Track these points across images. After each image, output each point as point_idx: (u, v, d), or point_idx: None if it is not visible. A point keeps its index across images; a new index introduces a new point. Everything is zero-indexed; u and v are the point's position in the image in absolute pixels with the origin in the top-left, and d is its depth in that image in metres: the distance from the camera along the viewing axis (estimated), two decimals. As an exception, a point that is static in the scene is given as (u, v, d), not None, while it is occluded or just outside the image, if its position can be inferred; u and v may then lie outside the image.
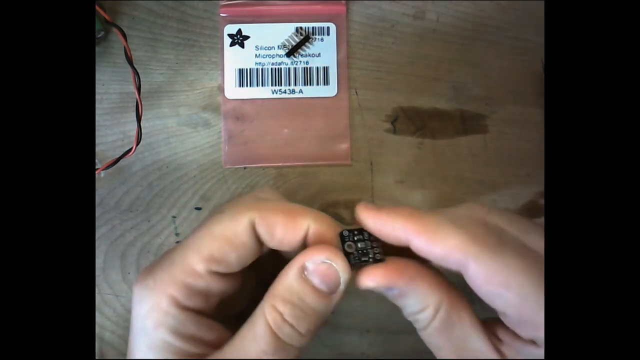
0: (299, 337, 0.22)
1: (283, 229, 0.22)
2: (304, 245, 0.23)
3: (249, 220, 0.22)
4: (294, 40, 0.34)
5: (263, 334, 0.21)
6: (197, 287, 0.22)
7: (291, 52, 0.34)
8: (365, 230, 0.23)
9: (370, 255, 0.23)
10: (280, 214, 0.22)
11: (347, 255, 0.23)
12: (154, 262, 0.24)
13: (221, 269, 0.22)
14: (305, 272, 0.22)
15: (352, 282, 0.23)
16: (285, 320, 0.21)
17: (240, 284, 0.24)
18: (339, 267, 0.22)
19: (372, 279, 0.22)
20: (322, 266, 0.22)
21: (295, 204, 0.24)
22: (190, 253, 0.22)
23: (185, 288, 0.22)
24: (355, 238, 0.23)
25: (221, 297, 0.23)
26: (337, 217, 0.34)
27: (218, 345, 0.22)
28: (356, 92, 0.35)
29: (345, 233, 0.23)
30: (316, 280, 0.22)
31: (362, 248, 0.23)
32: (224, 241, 0.22)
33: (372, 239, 0.23)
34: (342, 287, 0.22)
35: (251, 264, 0.23)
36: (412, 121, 0.35)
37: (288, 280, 0.22)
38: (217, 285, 0.22)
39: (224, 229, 0.22)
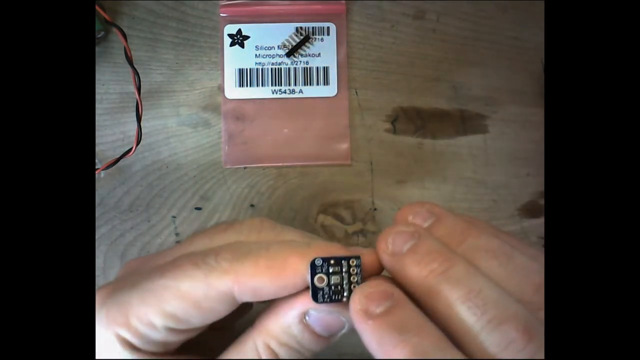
0: None
1: (273, 290, 0.19)
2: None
3: (225, 287, 0.19)
4: (294, 40, 0.34)
5: None
6: (150, 338, 0.20)
7: (291, 52, 0.34)
8: (346, 259, 0.20)
9: (345, 294, 0.19)
10: (265, 274, 0.19)
11: (315, 290, 0.19)
12: (113, 282, 0.22)
13: (181, 327, 0.20)
14: (307, 318, 0.20)
15: None
16: None
17: (204, 329, 0.22)
18: (346, 317, 0.20)
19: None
20: (327, 317, 0.20)
21: (284, 239, 0.21)
22: (150, 301, 0.20)
23: (138, 335, 0.20)
24: (331, 270, 0.19)
25: (180, 344, 0.21)
26: (337, 217, 0.34)
27: None
28: (356, 92, 0.35)
29: (318, 262, 0.19)
30: (318, 328, 0.20)
31: (336, 284, 0.19)
32: (189, 303, 0.19)
33: (352, 271, 0.20)
34: (344, 331, 0.20)
35: None
36: (412, 121, 0.35)
37: (286, 323, 0.20)
38: (174, 338, 0.21)
39: (194, 289, 0.19)
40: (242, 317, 0.25)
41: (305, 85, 0.34)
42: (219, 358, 0.21)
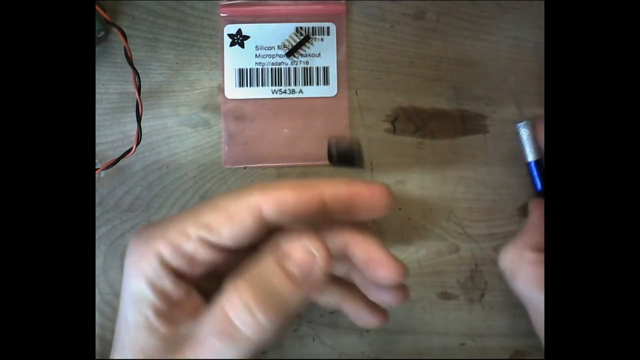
0: (256, 327, 0.20)
1: (294, 202, 0.22)
2: (320, 216, 0.23)
3: (254, 201, 0.22)
4: (294, 41, 0.34)
5: (215, 314, 0.20)
6: (184, 249, 0.22)
7: (291, 52, 0.34)
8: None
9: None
10: (288, 190, 0.22)
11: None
12: (159, 220, 0.24)
13: (212, 238, 0.22)
14: (282, 256, 0.21)
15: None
16: (244, 305, 0.20)
17: (231, 263, 0.23)
18: (321, 258, 0.21)
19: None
20: (302, 253, 0.21)
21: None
22: (188, 217, 0.22)
23: (173, 247, 0.22)
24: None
25: (207, 268, 0.23)
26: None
27: (192, 313, 0.22)
28: (356, 92, 0.35)
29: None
30: (292, 267, 0.20)
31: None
32: (222, 213, 0.22)
33: None
34: (319, 280, 0.21)
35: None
36: (412, 121, 0.35)
37: (260, 260, 0.21)
38: (204, 254, 0.22)
39: (227, 202, 0.22)
40: None
41: (305, 85, 0.34)
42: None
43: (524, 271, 0.29)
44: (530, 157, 0.32)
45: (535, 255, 0.29)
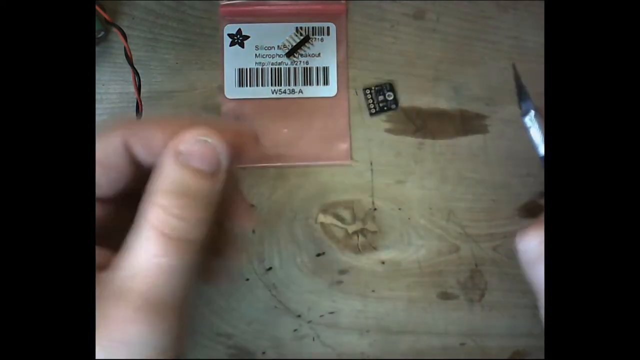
0: (190, 227, 0.19)
1: (162, 142, 0.20)
2: None
3: (120, 139, 0.20)
4: (294, 41, 0.34)
5: (150, 237, 0.19)
6: None
7: (291, 52, 0.34)
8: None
9: None
10: (157, 127, 0.20)
11: None
12: None
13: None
14: (181, 158, 0.20)
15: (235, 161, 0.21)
16: (170, 214, 0.19)
17: (121, 212, 0.22)
18: (216, 142, 0.20)
19: None
20: (196, 146, 0.20)
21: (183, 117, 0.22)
22: None
23: None
24: None
25: (101, 224, 0.22)
26: (337, 217, 0.34)
27: (104, 266, 0.20)
28: (356, 92, 0.35)
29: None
30: (195, 162, 0.20)
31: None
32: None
33: None
34: (224, 163, 0.20)
35: None
36: (412, 121, 0.35)
37: (165, 171, 0.20)
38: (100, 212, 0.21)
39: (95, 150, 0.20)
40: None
41: (305, 85, 0.34)
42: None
43: None
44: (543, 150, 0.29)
45: None
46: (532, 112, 0.27)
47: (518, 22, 0.35)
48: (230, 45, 0.34)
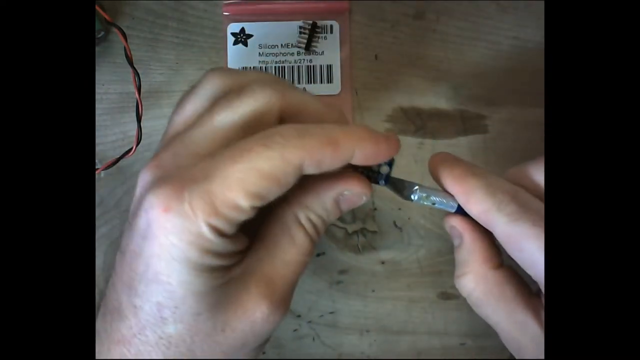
0: (319, 239, 0.25)
1: (330, 162, 0.22)
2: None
3: (298, 160, 0.22)
4: (305, 34, 0.34)
5: (303, 241, 0.24)
6: (237, 220, 0.22)
7: (308, 45, 0.34)
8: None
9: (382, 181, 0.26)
10: (328, 150, 0.22)
11: (376, 176, 0.25)
12: (172, 180, 0.22)
13: (263, 203, 0.22)
14: (340, 197, 0.24)
15: None
16: (317, 232, 0.24)
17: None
18: (367, 199, 0.25)
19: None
20: (354, 197, 0.25)
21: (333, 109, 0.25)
22: (233, 187, 0.21)
23: (227, 220, 0.21)
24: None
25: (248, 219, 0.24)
26: (338, 217, 0.34)
27: (243, 251, 0.23)
28: (356, 92, 0.35)
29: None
30: (344, 207, 0.25)
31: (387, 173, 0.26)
32: (272, 181, 0.22)
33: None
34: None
35: None
36: (412, 121, 0.35)
37: (324, 200, 0.24)
38: (253, 214, 0.22)
39: (274, 168, 0.21)
40: None
41: (308, 83, 0.34)
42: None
43: (497, 292, 0.26)
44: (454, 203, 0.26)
45: (498, 272, 0.26)
46: (416, 188, 0.27)
47: (518, 22, 0.35)
48: (234, 44, 0.34)
